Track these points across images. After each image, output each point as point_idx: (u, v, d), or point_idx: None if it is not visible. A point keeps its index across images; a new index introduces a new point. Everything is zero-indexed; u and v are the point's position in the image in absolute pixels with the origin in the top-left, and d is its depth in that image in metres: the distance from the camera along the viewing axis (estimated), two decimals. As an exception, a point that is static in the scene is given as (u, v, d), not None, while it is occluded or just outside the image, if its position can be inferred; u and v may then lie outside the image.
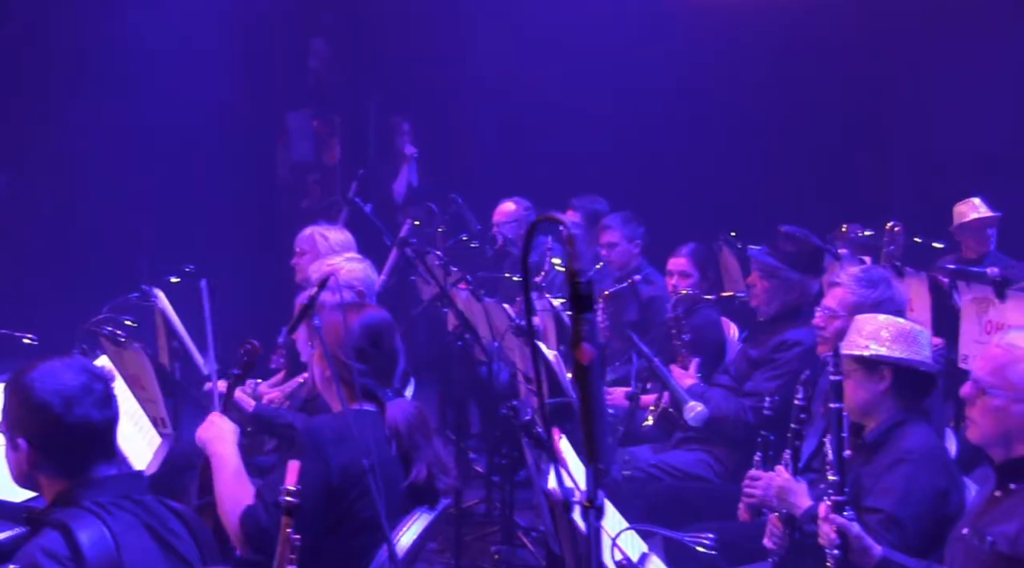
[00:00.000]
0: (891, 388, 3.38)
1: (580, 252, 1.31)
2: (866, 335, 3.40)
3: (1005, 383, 2.79)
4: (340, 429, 3.11)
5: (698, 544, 2.69)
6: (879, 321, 3.45)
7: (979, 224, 6.51)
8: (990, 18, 7.83)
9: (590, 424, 1.28)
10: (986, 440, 2.87)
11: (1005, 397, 2.78)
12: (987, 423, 2.83)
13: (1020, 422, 2.77)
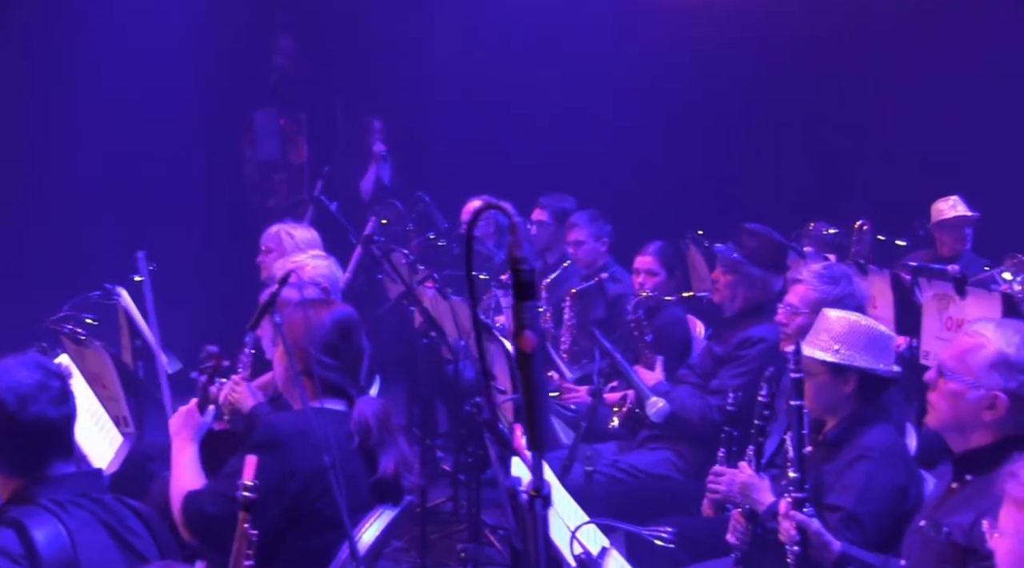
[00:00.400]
0: (855, 391, 3.42)
1: (523, 240, 1.31)
2: (835, 337, 3.42)
3: (964, 369, 2.82)
4: (300, 426, 3.09)
5: (656, 537, 2.70)
6: (848, 322, 3.46)
7: (956, 222, 6.58)
8: (949, 18, 7.92)
9: (532, 411, 1.29)
10: (943, 425, 2.90)
11: (963, 383, 2.81)
12: (944, 407, 2.86)
13: (975, 410, 2.79)
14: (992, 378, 2.77)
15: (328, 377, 3.26)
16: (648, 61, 8.33)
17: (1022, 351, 2.76)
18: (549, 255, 6.55)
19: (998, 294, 4.64)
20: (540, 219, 6.55)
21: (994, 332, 2.81)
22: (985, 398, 2.78)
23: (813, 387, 3.42)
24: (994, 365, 2.77)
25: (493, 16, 8.57)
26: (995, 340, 2.79)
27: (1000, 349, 2.77)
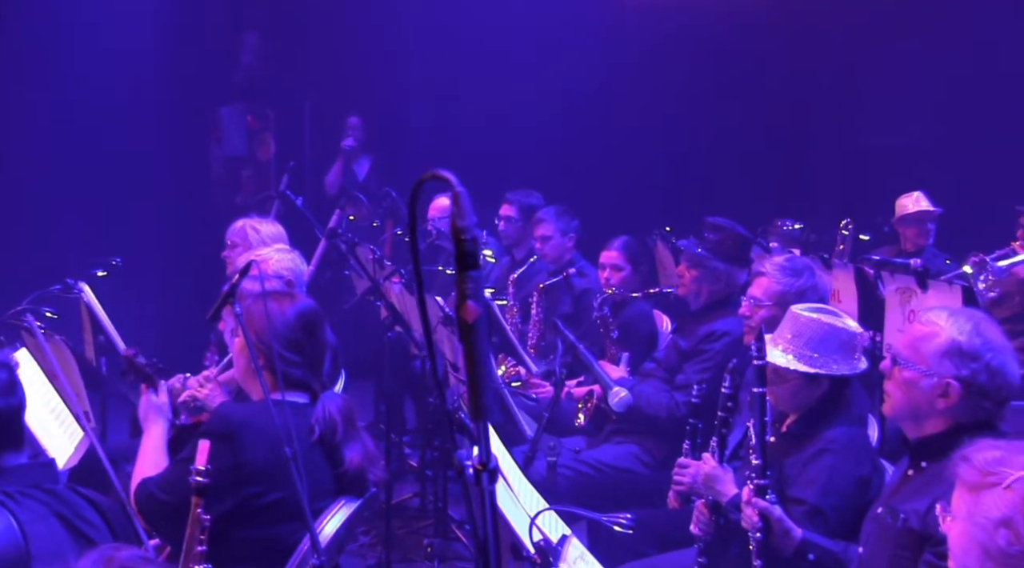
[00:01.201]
0: (826, 393, 3.45)
1: (466, 210, 1.31)
2: (809, 343, 3.41)
3: (918, 357, 2.84)
4: (255, 417, 3.07)
5: (615, 523, 2.71)
6: (821, 325, 3.43)
7: (919, 217, 6.65)
8: (911, 15, 7.99)
9: (475, 382, 1.29)
10: (897, 413, 2.92)
11: (916, 371, 2.83)
12: (898, 396, 2.88)
13: (929, 398, 2.81)
14: (944, 366, 2.79)
15: (291, 372, 3.24)
16: (618, 57, 8.36)
17: (974, 339, 2.78)
18: (517, 251, 6.55)
19: (959, 287, 4.68)
20: (507, 215, 6.55)
21: (947, 321, 2.84)
22: (938, 386, 2.80)
23: (786, 391, 3.44)
24: (946, 353, 2.79)
25: (463, 12, 8.57)
26: (947, 329, 2.81)
27: (952, 337, 2.80)
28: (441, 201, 7.03)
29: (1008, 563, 2.19)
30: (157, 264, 8.41)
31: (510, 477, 2.96)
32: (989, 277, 5.37)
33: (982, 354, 2.77)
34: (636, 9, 8.57)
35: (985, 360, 2.76)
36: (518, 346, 5.28)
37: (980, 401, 2.79)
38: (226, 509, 3.05)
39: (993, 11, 7.66)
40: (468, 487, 1.30)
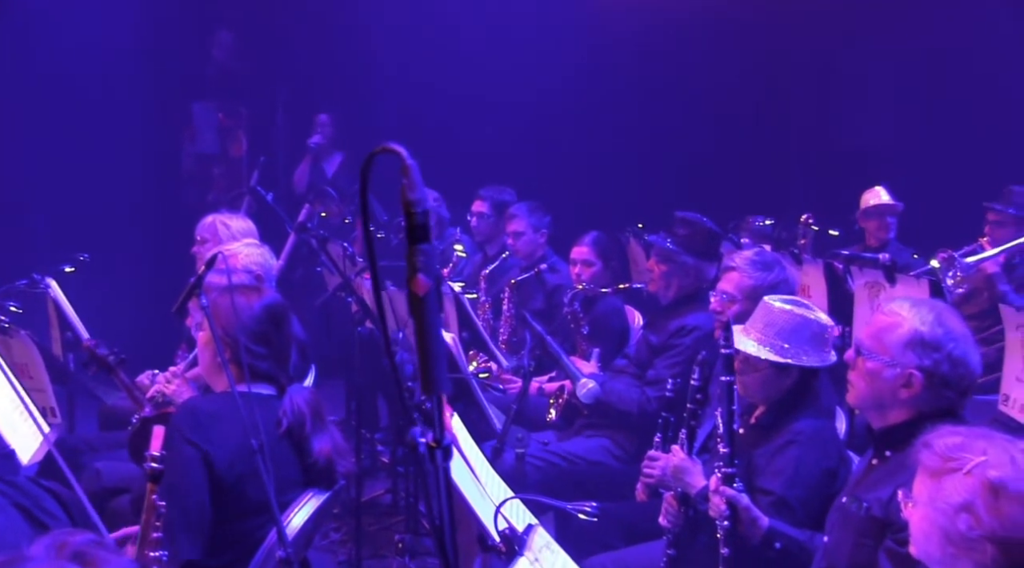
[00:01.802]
0: (795, 384, 3.47)
1: (416, 182, 1.31)
2: (780, 333, 3.44)
3: (881, 348, 2.86)
4: (223, 410, 3.06)
5: (580, 511, 2.71)
6: (793, 316, 3.46)
7: (879, 210, 6.69)
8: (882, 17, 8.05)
9: (426, 354, 1.28)
10: (861, 403, 2.94)
11: (879, 361, 2.84)
12: (862, 386, 2.90)
13: (892, 388, 2.83)
14: (907, 356, 2.81)
15: (257, 365, 3.22)
16: (591, 54, 8.38)
17: (936, 329, 2.81)
18: (489, 247, 6.56)
19: (926, 281, 4.73)
20: (480, 211, 6.55)
21: (909, 311, 2.86)
22: (901, 376, 2.82)
23: (756, 380, 3.46)
24: (909, 343, 2.81)
25: (436, 10, 8.57)
26: (910, 319, 2.83)
27: (915, 327, 2.82)
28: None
29: (968, 547, 2.21)
30: (129, 261, 8.35)
31: (477, 468, 2.96)
32: (957, 273, 5.42)
33: (944, 344, 2.79)
34: (609, 6, 8.58)
35: (947, 350, 2.79)
36: (489, 341, 5.28)
37: (942, 391, 2.81)
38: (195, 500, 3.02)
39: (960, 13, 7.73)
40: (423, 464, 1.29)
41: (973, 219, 6.29)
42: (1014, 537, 2.16)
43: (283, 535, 2.92)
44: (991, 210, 6.15)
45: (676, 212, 4.83)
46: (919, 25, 7.91)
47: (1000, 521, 2.18)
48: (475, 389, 4.14)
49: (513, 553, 2.35)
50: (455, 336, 4.41)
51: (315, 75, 8.62)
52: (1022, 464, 2.23)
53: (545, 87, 8.41)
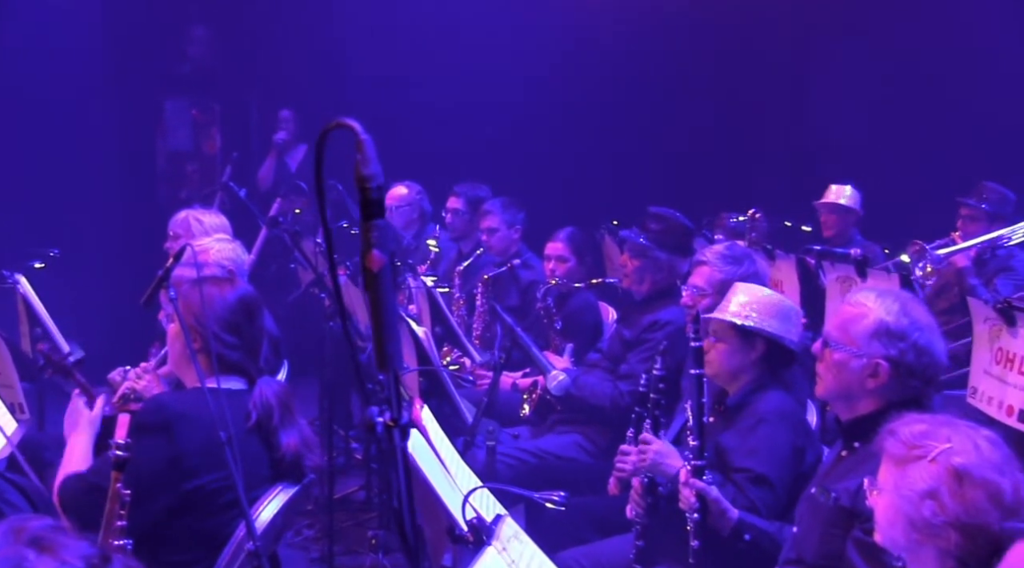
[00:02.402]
0: (761, 358, 3.49)
1: (370, 157, 1.30)
2: (746, 304, 3.50)
3: (847, 339, 2.88)
4: (190, 405, 3.04)
5: (548, 501, 2.71)
6: (759, 292, 3.56)
7: (828, 208, 6.72)
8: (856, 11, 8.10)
9: (380, 331, 1.28)
10: (829, 395, 2.96)
11: (846, 352, 2.87)
12: (829, 377, 2.92)
13: (859, 378, 2.85)
14: (873, 347, 2.83)
15: (228, 355, 3.20)
16: (566, 51, 8.38)
17: (901, 319, 2.83)
18: (464, 243, 6.54)
19: (897, 275, 4.76)
20: (455, 207, 6.54)
21: (875, 301, 2.88)
22: (868, 366, 2.84)
23: (721, 352, 3.50)
24: (875, 334, 2.83)
25: (411, 5, 8.55)
26: (876, 309, 2.86)
27: (880, 318, 2.84)
28: (398, 190, 7.01)
29: (932, 533, 2.22)
30: (102, 258, 8.29)
31: (448, 461, 2.96)
32: (927, 266, 5.46)
33: (909, 334, 2.81)
34: (584, 3, 8.59)
35: (912, 339, 2.81)
36: (462, 336, 5.27)
37: (908, 380, 2.83)
38: (164, 499, 3.01)
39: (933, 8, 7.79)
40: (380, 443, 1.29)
41: (946, 214, 6.33)
42: (977, 523, 2.18)
43: (252, 528, 2.90)
44: (964, 205, 6.19)
45: (649, 208, 4.84)
46: (892, 20, 7.95)
47: (964, 507, 2.20)
48: (446, 382, 4.14)
49: (481, 543, 2.34)
50: (427, 330, 4.40)
51: (289, 71, 8.58)
52: (986, 451, 2.25)
53: (521, 84, 8.40)
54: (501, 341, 4.48)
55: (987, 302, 3.94)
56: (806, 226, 6.79)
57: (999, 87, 7.47)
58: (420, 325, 4.51)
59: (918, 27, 7.80)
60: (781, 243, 6.18)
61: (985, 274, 5.94)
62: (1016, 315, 3.68)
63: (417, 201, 6.89)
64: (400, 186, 7.01)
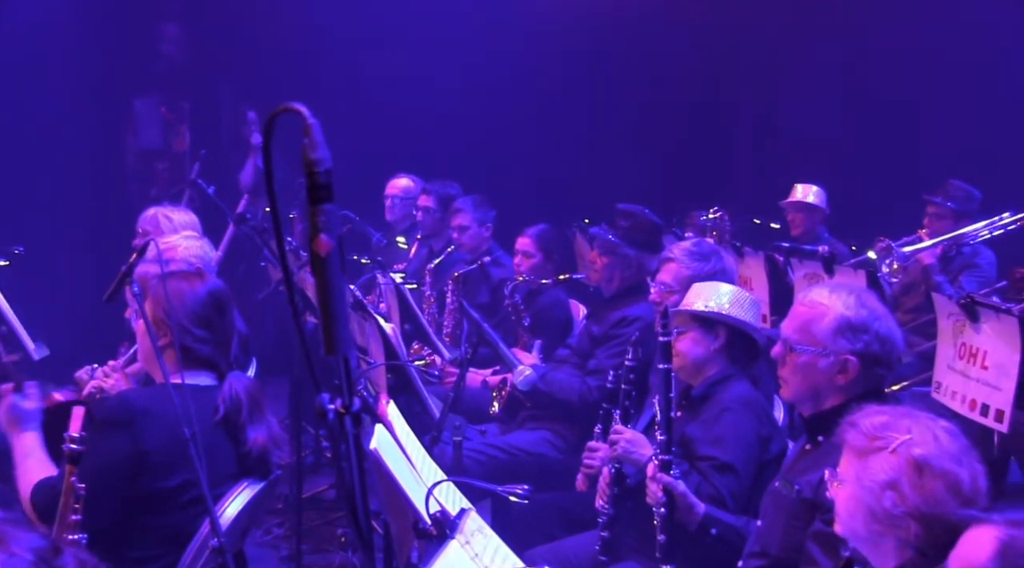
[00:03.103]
0: (724, 346, 3.52)
1: (317, 141, 1.30)
2: (705, 297, 3.53)
3: (810, 339, 2.88)
4: (155, 401, 3.02)
5: (512, 494, 2.71)
6: (719, 287, 3.60)
7: (795, 206, 6.77)
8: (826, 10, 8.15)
9: (328, 315, 1.28)
10: (797, 397, 2.97)
11: (811, 353, 2.87)
12: (796, 380, 2.92)
13: (828, 376, 2.86)
14: (839, 343, 2.84)
15: (198, 349, 3.18)
16: (537, 48, 8.38)
17: (860, 311, 2.84)
18: (435, 241, 6.54)
19: (863, 272, 4.79)
20: (426, 205, 6.53)
21: (830, 298, 2.89)
22: (836, 364, 2.85)
23: (685, 342, 3.52)
24: (839, 330, 2.84)
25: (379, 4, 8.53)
26: (834, 306, 2.87)
27: (841, 313, 2.85)
28: (400, 181, 6.97)
29: (892, 524, 2.24)
30: (71, 256, 8.22)
31: (413, 456, 2.95)
32: (894, 263, 5.51)
33: (871, 325, 2.83)
34: (556, 1, 8.60)
35: (874, 330, 2.83)
36: (431, 333, 5.26)
37: (875, 369, 2.85)
38: (128, 496, 3.00)
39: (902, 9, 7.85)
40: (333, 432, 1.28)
41: (914, 212, 6.39)
42: (936, 513, 2.20)
43: (216, 524, 2.88)
44: (931, 203, 6.26)
45: (618, 205, 4.85)
46: (862, 20, 8.02)
47: (924, 498, 2.22)
48: (414, 378, 4.13)
49: (444, 536, 2.34)
50: (395, 327, 4.39)
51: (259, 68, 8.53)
52: (945, 442, 2.27)
53: (493, 82, 8.40)
54: (468, 336, 4.47)
55: (951, 298, 3.97)
56: (775, 224, 6.83)
57: (965, 87, 7.55)
58: (389, 322, 4.50)
59: (888, 27, 7.87)
60: (750, 241, 6.21)
61: (951, 271, 6.00)
62: (979, 310, 3.71)
63: (418, 196, 6.81)
64: (404, 178, 6.98)
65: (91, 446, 2.81)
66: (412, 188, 6.90)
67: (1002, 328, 3.59)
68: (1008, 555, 1.75)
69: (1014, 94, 7.37)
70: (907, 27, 7.76)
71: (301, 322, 1.34)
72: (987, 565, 1.77)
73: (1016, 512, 1.81)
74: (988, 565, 1.77)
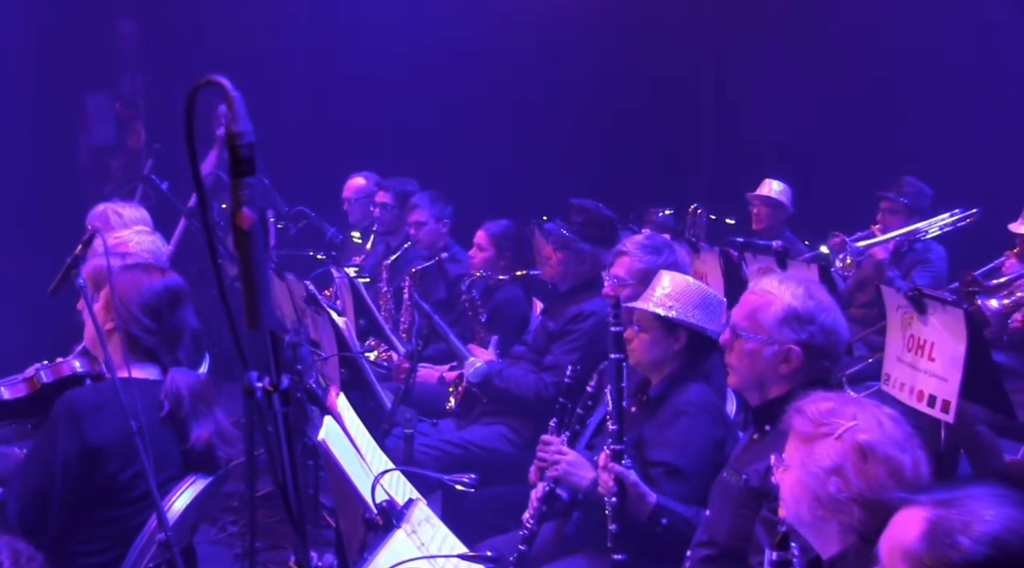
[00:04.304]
0: (683, 348, 3.50)
1: (240, 114, 1.29)
2: (670, 295, 3.50)
3: (756, 326, 2.90)
4: (103, 396, 2.99)
5: (458, 483, 2.70)
6: (683, 282, 3.57)
7: (760, 201, 6.82)
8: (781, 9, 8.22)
9: (251, 290, 1.27)
10: (743, 385, 2.99)
11: (757, 340, 2.89)
12: (742, 367, 2.94)
13: (772, 365, 2.88)
14: (784, 333, 2.86)
15: (144, 339, 3.16)
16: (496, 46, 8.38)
17: (807, 302, 2.86)
18: (392, 238, 6.51)
19: (816, 267, 4.83)
20: (383, 201, 6.50)
21: (779, 288, 2.91)
22: (780, 353, 2.87)
23: (645, 341, 3.51)
24: (784, 320, 2.86)
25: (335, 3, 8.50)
26: (782, 295, 2.89)
27: (788, 303, 2.87)
28: (356, 180, 6.92)
29: (837, 509, 2.26)
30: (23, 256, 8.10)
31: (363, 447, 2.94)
32: (847, 257, 5.57)
33: (816, 316, 2.85)
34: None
35: (820, 321, 2.85)
36: (385, 328, 5.24)
37: (819, 361, 2.87)
38: (77, 492, 2.98)
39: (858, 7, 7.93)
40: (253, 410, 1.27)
41: (867, 208, 6.46)
42: (878, 499, 2.22)
43: (163, 519, 2.86)
44: (884, 199, 6.34)
45: (572, 200, 4.85)
46: (817, 19, 8.09)
47: (867, 483, 2.24)
48: (366, 370, 4.11)
49: (391, 526, 2.33)
50: (347, 320, 4.37)
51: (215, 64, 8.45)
52: (889, 428, 2.29)
53: (453, 79, 8.40)
54: (419, 329, 4.46)
55: (899, 290, 4.01)
56: (730, 219, 6.87)
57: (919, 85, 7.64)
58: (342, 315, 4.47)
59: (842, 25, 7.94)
60: (706, 236, 6.25)
61: (903, 267, 6.08)
62: (926, 302, 3.75)
63: (374, 193, 6.77)
64: (359, 177, 6.94)
65: (40, 445, 2.78)
66: (367, 186, 6.87)
67: (948, 320, 3.63)
68: (936, 534, 1.77)
69: (966, 92, 7.48)
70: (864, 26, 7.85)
71: (227, 302, 1.32)
72: (915, 545, 1.78)
73: (944, 492, 1.83)
74: (916, 545, 1.78)
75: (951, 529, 1.76)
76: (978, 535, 1.74)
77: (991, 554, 1.72)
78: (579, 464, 3.47)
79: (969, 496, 1.81)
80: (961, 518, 1.77)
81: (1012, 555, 1.73)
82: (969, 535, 1.75)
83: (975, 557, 1.73)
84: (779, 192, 6.79)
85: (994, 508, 1.76)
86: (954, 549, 1.74)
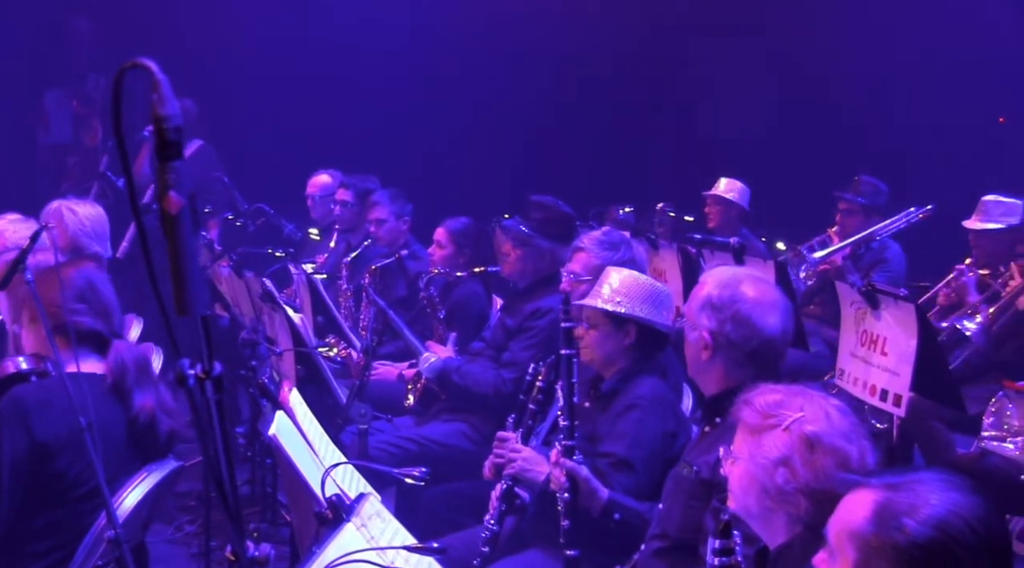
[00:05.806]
0: (634, 343, 3.51)
1: (166, 97, 1.28)
2: (617, 290, 3.52)
3: (688, 313, 2.96)
4: (48, 394, 2.97)
5: (408, 476, 2.69)
6: (630, 277, 3.58)
7: (713, 199, 6.87)
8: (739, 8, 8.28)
9: (180, 275, 1.26)
10: (690, 371, 3.04)
11: (687, 326, 2.94)
12: (688, 353, 2.99)
13: (696, 351, 2.92)
14: (701, 319, 2.89)
15: (80, 322, 3.13)
16: (459, 44, 8.38)
17: (724, 291, 2.88)
18: (352, 236, 6.48)
19: (772, 262, 4.86)
20: (343, 199, 6.48)
21: (711, 277, 2.96)
22: (699, 339, 2.90)
23: (595, 337, 3.52)
24: (702, 307, 2.90)
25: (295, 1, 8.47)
26: (708, 284, 2.93)
27: (709, 292, 2.91)
28: (320, 178, 6.88)
29: (784, 500, 2.27)
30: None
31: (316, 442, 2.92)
32: (809, 268, 5.64)
33: (729, 305, 2.86)
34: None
35: (732, 311, 2.85)
36: (343, 324, 5.22)
37: (731, 352, 2.86)
38: (28, 490, 2.97)
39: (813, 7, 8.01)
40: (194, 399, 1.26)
41: (824, 208, 6.51)
42: (826, 490, 2.23)
43: (112, 515, 2.83)
44: (841, 199, 6.37)
45: (531, 196, 4.85)
46: (774, 18, 8.15)
47: (814, 474, 2.25)
48: (321, 365, 4.09)
49: (340, 520, 2.32)
50: (304, 317, 4.35)
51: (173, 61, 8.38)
52: (835, 419, 2.31)
53: (414, 77, 8.39)
54: (373, 324, 4.44)
55: (853, 285, 4.05)
56: (689, 216, 6.91)
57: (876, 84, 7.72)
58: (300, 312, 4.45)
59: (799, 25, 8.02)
60: (665, 233, 6.28)
61: (861, 268, 6.12)
62: (879, 298, 3.79)
63: (337, 190, 6.72)
64: (323, 174, 6.90)
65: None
66: (331, 184, 6.84)
67: (900, 315, 3.67)
68: (883, 516, 1.78)
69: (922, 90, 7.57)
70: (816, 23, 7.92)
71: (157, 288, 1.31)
72: (863, 526, 1.80)
73: (892, 476, 1.85)
74: (864, 526, 1.80)
75: (898, 512, 1.78)
76: (924, 517, 1.76)
77: (936, 536, 1.74)
78: (534, 460, 3.48)
79: (918, 481, 1.83)
80: (908, 501, 1.79)
81: (956, 538, 1.74)
82: (915, 517, 1.76)
83: (920, 539, 1.75)
84: (729, 190, 6.84)
85: (941, 492, 1.78)
86: (900, 531, 1.76)
